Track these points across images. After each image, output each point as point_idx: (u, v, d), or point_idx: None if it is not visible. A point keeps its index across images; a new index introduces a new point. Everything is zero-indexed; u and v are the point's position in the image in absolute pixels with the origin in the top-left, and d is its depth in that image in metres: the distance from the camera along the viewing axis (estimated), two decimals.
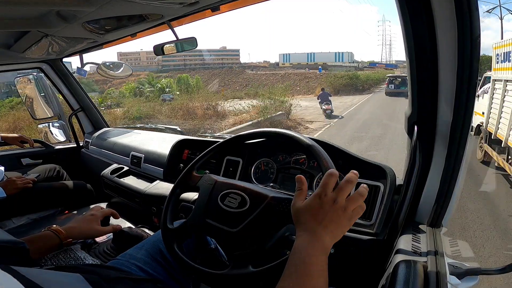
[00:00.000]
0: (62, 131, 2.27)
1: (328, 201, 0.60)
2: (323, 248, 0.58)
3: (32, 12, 1.07)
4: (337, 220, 0.59)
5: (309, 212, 0.61)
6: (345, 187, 0.61)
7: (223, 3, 1.08)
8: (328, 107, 14.05)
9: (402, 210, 0.86)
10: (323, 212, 0.60)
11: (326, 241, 0.58)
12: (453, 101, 0.72)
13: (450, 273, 0.69)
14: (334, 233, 0.59)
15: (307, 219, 0.60)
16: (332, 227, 0.59)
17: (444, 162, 0.80)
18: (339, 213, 0.59)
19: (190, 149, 1.53)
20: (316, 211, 0.60)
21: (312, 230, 0.59)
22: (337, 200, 0.60)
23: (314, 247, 0.58)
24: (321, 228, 0.59)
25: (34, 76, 2.11)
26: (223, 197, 0.82)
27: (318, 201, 0.61)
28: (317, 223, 0.59)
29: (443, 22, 0.65)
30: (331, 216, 0.59)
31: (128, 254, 0.87)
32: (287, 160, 1.24)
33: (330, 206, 0.60)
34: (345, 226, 0.60)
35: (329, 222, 0.59)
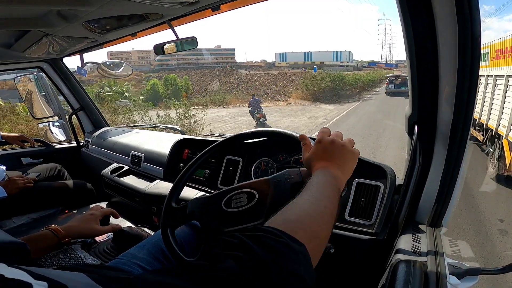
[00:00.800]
0: (62, 130, 2.28)
1: (327, 142, 0.69)
2: (335, 179, 0.64)
3: (33, 12, 1.07)
4: (341, 155, 0.68)
5: (316, 155, 0.69)
6: (337, 132, 0.72)
7: (224, 2, 1.08)
8: (261, 115, 13.27)
9: (402, 210, 0.86)
10: (327, 152, 0.68)
11: (338, 174, 0.65)
12: (454, 101, 0.72)
13: (449, 273, 0.69)
14: (342, 167, 0.67)
15: (317, 161, 0.68)
16: (339, 161, 0.67)
17: (444, 162, 0.80)
18: (341, 149, 0.68)
19: (190, 148, 1.53)
20: (321, 152, 0.69)
21: (323, 167, 0.66)
22: (334, 140, 0.69)
23: (327, 176, 0.64)
24: (330, 164, 0.66)
25: (34, 76, 2.11)
26: (228, 202, 0.81)
27: (320, 145, 0.69)
28: (326, 161, 0.67)
29: (444, 22, 0.65)
30: (335, 153, 0.68)
31: (130, 254, 0.87)
32: (287, 160, 1.24)
33: (331, 145, 0.68)
34: (350, 160, 0.69)
35: (335, 158, 0.67)
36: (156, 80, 30.45)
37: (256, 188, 0.79)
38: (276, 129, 0.91)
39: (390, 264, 0.73)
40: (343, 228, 0.98)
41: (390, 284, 0.63)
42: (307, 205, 0.55)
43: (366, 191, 1.02)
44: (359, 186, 1.04)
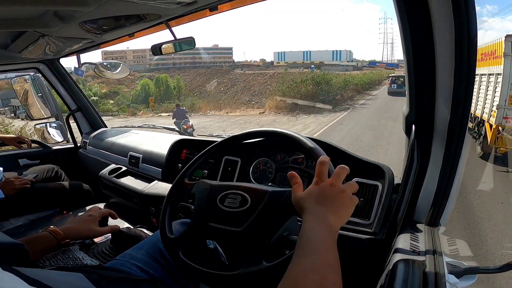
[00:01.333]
0: (59, 132, 2.26)
1: (326, 185, 0.64)
2: (329, 228, 0.59)
3: (29, 12, 1.06)
4: (338, 200, 0.63)
5: (311, 197, 0.64)
6: (340, 172, 0.65)
7: (221, 2, 1.08)
8: (188, 126, 11.93)
9: (400, 209, 0.87)
10: (324, 195, 0.63)
11: (332, 221, 0.60)
12: (451, 100, 0.72)
13: (448, 272, 0.69)
14: (338, 214, 0.62)
15: (310, 203, 0.63)
16: (335, 207, 0.62)
17: (442, 161, 0.81)
18: (339, 195, 0.63)
19: (188, 149, 1.52)
20: (317, 195, 0.63)
21: (316, 213, 0.61)
22: (334, 183, 0.64)
23: (320, 226, 0.59)
24: (325, 209, 0.61)
25: (31, 76, 2.10)
26: (222, 198, 0.82)
27: (317, 187, 0.64)
28: (320, 205, 0.62)
29: (440, 21, 0.65)
30: (332, 198, 0.63)
31: (128, 254, 0.87)
32: (285, 160, 1.24)
33: (329, 189, 0.63)
34: (347, 206, 0.64)
35: (331, 203, 0.62)
36: (148, 80, 29.23)
37: (252, 195, 0.80)
38: (276, 129, 0.91)
39: (389, 264, 0.73)
40: (342, 227, 0.98)
41: (389, 284, 0.63)
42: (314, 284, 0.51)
43: (364, 191, 1.03)
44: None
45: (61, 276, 0.49)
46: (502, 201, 3.90)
